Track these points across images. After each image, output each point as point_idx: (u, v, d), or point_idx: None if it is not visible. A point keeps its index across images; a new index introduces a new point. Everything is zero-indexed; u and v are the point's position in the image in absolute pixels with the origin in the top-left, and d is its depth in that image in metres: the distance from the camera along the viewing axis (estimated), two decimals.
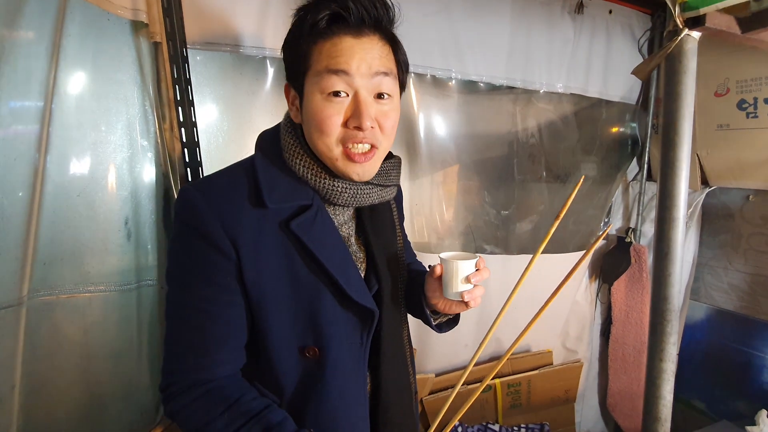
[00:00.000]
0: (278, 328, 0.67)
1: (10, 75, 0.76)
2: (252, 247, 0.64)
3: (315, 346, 0.68)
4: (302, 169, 0.67)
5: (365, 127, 0.63)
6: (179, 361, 0.67)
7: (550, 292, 1.93)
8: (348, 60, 0.62)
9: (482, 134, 1.63)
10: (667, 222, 0.65)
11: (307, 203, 0.67)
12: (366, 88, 0.63)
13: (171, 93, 1.06)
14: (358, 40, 0.63)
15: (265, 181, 0.66)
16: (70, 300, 0.97)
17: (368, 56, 0.63)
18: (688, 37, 0.61)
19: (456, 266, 0.70)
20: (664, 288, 0.66)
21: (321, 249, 0.66)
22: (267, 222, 0.66)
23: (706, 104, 1.59)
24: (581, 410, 2.00)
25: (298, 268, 0.67)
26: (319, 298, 0.68)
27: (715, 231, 1.80)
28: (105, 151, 1.01)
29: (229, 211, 0.64)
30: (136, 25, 1.03)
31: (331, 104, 0.63)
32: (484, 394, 1.68)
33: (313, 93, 0.63)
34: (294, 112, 0.70)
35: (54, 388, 0.97)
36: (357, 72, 0.62)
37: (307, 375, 0.70)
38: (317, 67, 0.63)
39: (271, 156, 0.70)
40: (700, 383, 1.84)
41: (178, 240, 0.67)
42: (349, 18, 0.62)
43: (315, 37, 0.63)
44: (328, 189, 0.68)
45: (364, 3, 0.63)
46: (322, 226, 0.68)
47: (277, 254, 0.66)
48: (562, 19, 1.60)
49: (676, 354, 0.68)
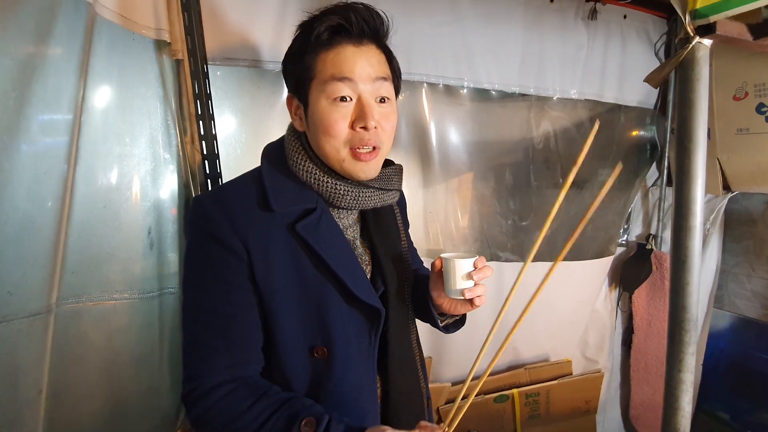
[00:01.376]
0: (288, 328, 0.70)
1: (42, 92, 0.80)
2: (261, 248, 0.68)
3: (323, 346, 0.70)
4: (305, 174, 0.71)
5: (370, 126, 0.67)
6: (201, 366, 0.68)
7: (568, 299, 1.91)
8: (351, 67, 0.66)
9: (496, 142, 1.63)
10: (684, 230, 0.64)
11: (311, 206, 0.71)
12: (368, 92, 0.68)
13: (192, 107, 1.10)
14: (359, 49, 0.68)
15: (271, 186, 0.71)
16: (96, 307, 1.01)
17: (369, 63, 0.68)
18: (699, 44, 0.61)
19: (454, 264, 0.72)
20: (681, 297, 0.65)
21: (326, 250, 0.69)
22: (274, 225, 0.69)
23: (725, 108, 1.55)
24: (603, 422, 1.95)
25: (305, 269, 0.70)
26: (326, 298, 0.70)
27: (737, 237, 1.75)
28: (129, 164, 1.05)
29: (238, 215, 0.68)
30: (159, 43, 1.07)
31: (337, 108, 0.67)
32: (502, 404, 1.66)
33: (319, 100, 0.68)
34: (298, 122, 0.74)
35: (79, 393, 1.01)
36: (360, 78, 0.67)
37: (317, 375, 0.72)
38: (322, 75, 0.67)
39: (276, 164, 0.74)
40: (725, 394, 1.78)
41: (192, 246, 0.71)
42: (351, 29, 0.67)
43: (318, 48, 0.68)
44: (331, 191, 0.71)
45: (363, 15, 0.68)
46: (327, 227, 0.71)
47: (285, 256, 0.69)
48: (575, 25, 1.59)
49: (695, 364, 0.67)
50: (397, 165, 0.82)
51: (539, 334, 1.74)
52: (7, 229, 0.75)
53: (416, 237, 1.58)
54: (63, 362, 0.96)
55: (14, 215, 0.76)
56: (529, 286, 1.81)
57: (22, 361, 0.80)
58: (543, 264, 1.70)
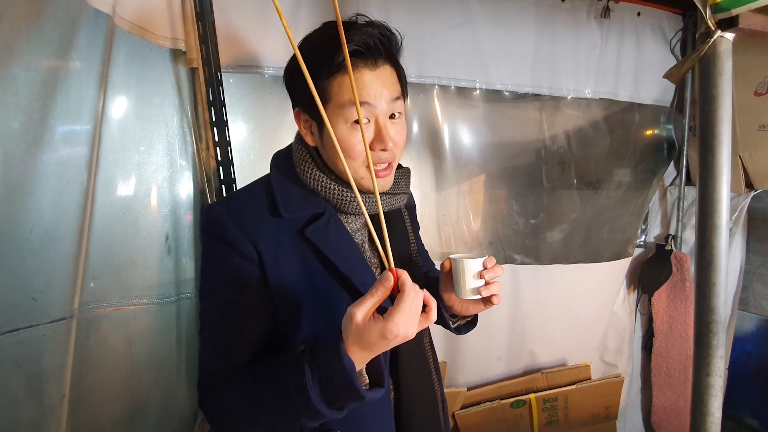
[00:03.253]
0: (300, 328, 0.70)
1: (64, 103, 0.82)
2: (272, 252, 0.69)
3: None
4: (313, 182, 0.73)
5: (389, 148, 0.69)
6: (214, 366, 0.70)
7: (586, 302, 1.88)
8: (369, 92, 0.67)
9: (509, 143, 1.62)
10: (710, 229, 0.62)
11: (319, 211, 0.73)
12: (384, 113, 0.69)
13: (207, 114, 1.12)
14: (375, 72, 0.68)
15: (280, 193, 0.73)
16: (116, 312, 1.02)
17: (384, 85, 0.69)
18: (721, 39, 0.60)
19: (463, 265, 0.72)
20: (708, 299, 0.63)
21: (335, 254, 0.71)
22: (284, 231, 0.71)
23: (747, 104, 1.51)
24: (624, 428, 1.90)
25: (315, 273, 0.71)
26: (336, 301, 0.71)
27: (762, 236, 1.69)
28: (147, 171, 1.07)
29: (249, 220, 0.70)
30: (175, 53, 1.09)
31: (356, 132, 0.68)
32: (519, 410, 1.63)
33: (336, 122, 0.68)
34: (309, 137, 0.74)
35: (99, 398, 1.02)
36: (377, 102, 0.68)
37: None
38: (339, 99, 0.67)
39: (284, 172, 0.76)
40: (752, 399, 1.72)
41: (206, 253, 0.73)
42: (368, 54, 0.67)
43: (333, 71, 0.67)
44: (338, 198, 0.73)
45: (378, 37, 0.68)
46: (336, 232, 0.73)
47: (295, 261, 0.70)
48: (588, 24, 1.57)
49: (724, 368, 0.65)
50: (405, 168, 0.83)
51: (556, 338, 1.71)
52: (33, 237, 0.77)
53: (429, 240, 1.57)
54: (84, 367, 0.97)
55: (39, 224, 0.78)
56: (545, 290, 1.79)
57: (47, 367, 0.82)
58: (560, 267, 1.68)
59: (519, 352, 1.68)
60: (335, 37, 0.64)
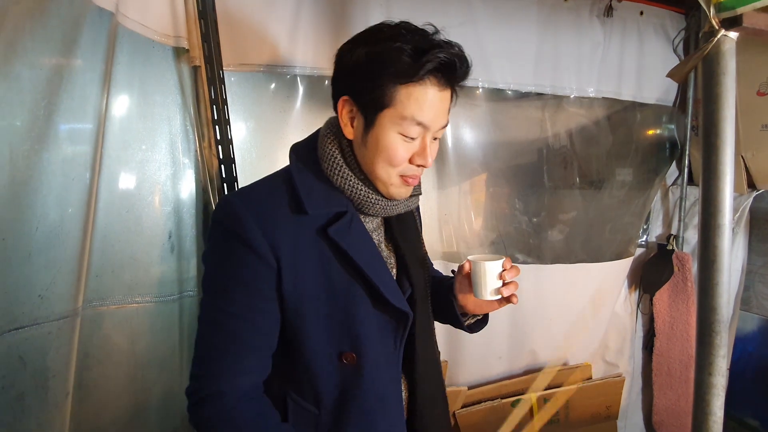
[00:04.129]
0: (316, 334, 0.69)
1: (67, 101, 0.82)
2: (291, 254, 0.67)
3: (352, 352, 0.70)
4: (341, 179, 0.70)
5: (429, 165, 0.70)
6: (209, 366, 0.68)
7: (587, 301, 1.88)
8: (428, 115, 0.66)
9: (511, 142, 1.62)
10: (712, 229, 0.62)
11: (342, 210, 0.70)
12: (432, 135, 0.69)
13: (209, 113, 1.12)
14: (441, 94, 0.67)
15: (303, 188, 0.69)
16: (119, 310, 1.03)
17: (443, 112, 0.68)
18: (725, 38, 0.59)
19: (485, 267, 0.74)
20: (711, 298, 0.63)
21: (358, 254, 0.69)
22: (305, 229, 0.68)
23: (749, 104, 1.51)
24: (624, 428, 1.90)
25: (335, 274, 0.69)
26: (355, 303, 0.70)
27: (764, 236, 1.69)
28: (150, 169, 1.08)
29: (269, 219, 0.67)
30: (178, 51, 1.10)
31: (406, 145, 0.68)
32: (520, 409, 1.63)
33: (389, 130, 0.66)
34: (348, 129, 0.70)
35: (102, 395, 1.03)
36: (433, 126, 0.68)
37: (345, 381, 0.71)
38: (402, 111, 0.65)
39: (308, 165, 0.73)
40: (754, 399, 1.72)
41: (217, 247, 0.69)
42: (445, 75, 0.65)
43: (407, 78, 0.64)
44: (363, 199, 0.71)
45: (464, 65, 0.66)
46: (358, 232, 0.71)
47: (315, 261, 0.68)
48: (590, 23, 1.57)
49: (726, 368, 0.65)
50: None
51: (557, 338, 1.71)
52: (38, 235, 0.78)
53: (431, 239, 1.57)
54: (88, 364, 0.98)
55: (45, 222, 0.79)
56: (546, 289, 1.79)
57: (52, 363, 0.82)
58: (562, 266, 1.68)
59: (520, 351, 1.68)
60: (422, 47, 0.63)
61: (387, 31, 0.66)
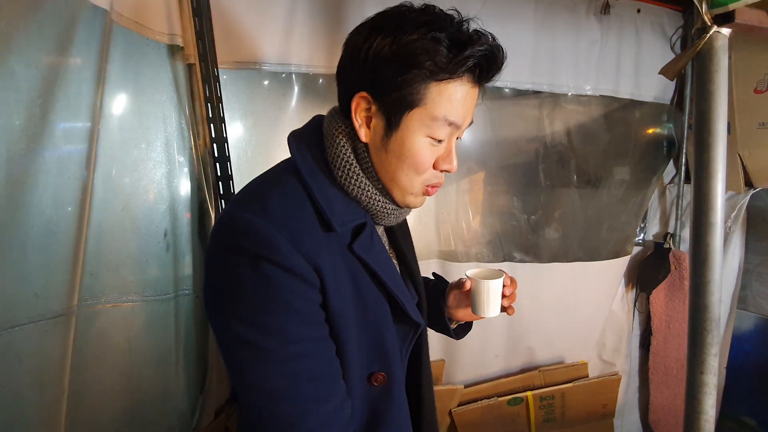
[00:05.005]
0: (351, 358, 0.63)
1: (63, 99, 0.82)
2: (331, 273, 0.59)
3: (383, 371, 0.66)
4: (358, 190, 0.63)
5: (454, 170, 0.64)
6: (311, 421, 0.57)
7: (584, 300, 1.88)
8: (460, 113, 0.60)
9: (508, 140, 1.62)
10: (704, 227, 0.62)
11: (362, 221, 0.64)
12: (458, 135, 0.64)
13: (204, 111, 1.12)
14: (473, 91, 0.60)
15: (325, 202, 0.60)
16: (115, 309, 1.03)
17: (472, 111, 0.62)
18: (717, 34, 0.59)
19: (487, 287, 0.73)
20: (703, 297, 0.63)
21: (382, 269, 0.64)
22: (335, 245, 0.61)
23: (746, 102, 1.51)
24: (621, 426, 1.91)
25: (363, 290, 0.64)
26: (383, 319, 0.65)
27: (761, 235, 1.69)
28: (146, 168, 1.07)
29: (303, 237, 0.57)
30: (173, 48, 1.09)
31: (433, 149, 0.61)
32: (516, 407, 1.63)
33: (417, 133, 0.59)
34: (364, 130, 0.61)
35: (98, 394, 1.02)
36: (463, 125, 0.62)
37: (375, 403, 0.66)
38: (433, 110, 0.58)
39: (318, 167, 0.63)
40: (750, 398, 1.72)
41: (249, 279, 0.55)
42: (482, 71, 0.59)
43: (441, 74, 0.56)
44: (380, 210, 0.65)
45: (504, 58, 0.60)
46: (378, 246, 0.66)
47: (349, 279, 0.62)
48: (587, 21, 1.57)
49: (718, 366, 0.65)
50: None
51: (554, 336, 1.71)
52: (34, 233, 0.77)
53: (428, 238, 1.57)
54: (83, 363, 0.97)
55: (40, 220, 0.78)
56: (543, 288, 1.78)
57: (48, 362, 0.82)
58: (559, 265, 1.68)
59: (517, 349, 1.68)
60: (460, 39, 0.56)
61: (414, 18, 0.57)
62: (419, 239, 1.53)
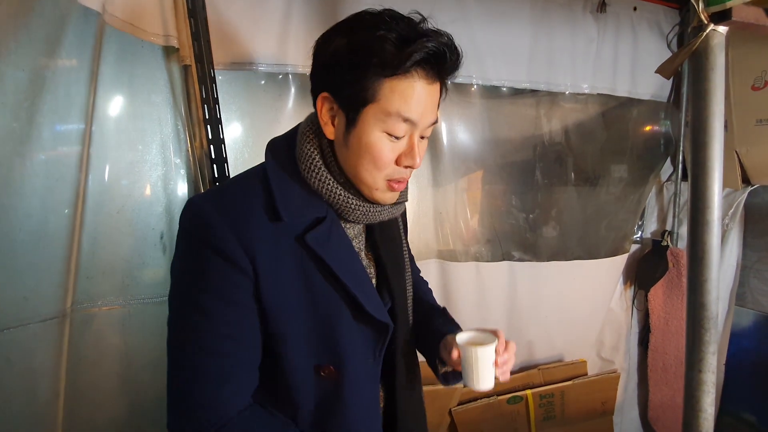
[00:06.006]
0: (295, 346, 0.65)
1: (53, 101, 0.82)
2: (269, 263, 0.61)
3: (331, 365, 0.67)
4: (319, 183, 0.65)
5: (417, 166, 0.65)
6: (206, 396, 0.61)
7: (583, 298, 1.88)
8: (417, 110, 0.61)
9: (506, 139, 1.61)
10: (701, 225, 0.62)
11: (321, 215, 0.66)
12: (420, 133, 0.65)
13: (200, 112, 1.11)
14: (429, 88, 0.62)
15: (279, 192, 0.64)
16: (111, 312, 1.02)
17: (432, 108, 0.64)
18: (714, 32, 0.59)
19: (476, 355, 0.66)
20: (700, 295, 0.63)
21: (338, 263, 0.64)
22: (282, 236, 0.63)
23: (744, 99, 1.51)
24: (620, 423, 1.91)
25: (314, 283, 0.65)
26: (335, 314, 0.66)
27: (759, 232, 1.69)
28: (141, 170, 1.07)
29: (244, 225, 0.61)
30: (168, 50, 1.09)
31: (391, 144, 0.63)
32: (516, 406, 1.63)
33: (373, 128, 0.61)
34: (329, 128, 0.65)
35: (95, 397, 1.02)
36: (421, 123, 0.63)
37: (325, 395, 0.68)
38: (387, 106, 0.60)
39: (285, 166, 0.67)
40: (750, 395, 1.72)
41: (188, 258, 0.62)
42: (433, 67, 0.60)
43: (392, 71, 0.59)
44: (343, 205, 0.66)
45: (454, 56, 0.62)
46: (338, 239, 0.66)
47: (293, 270, 0.63)
48: (584, 19, 1.57)
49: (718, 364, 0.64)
50: None
51: (553, 334, 1.71)
52: (22, 236, 0.77)
53: (427, 237, 1.57)
54: (79, 366, 0.97)
55: (28, 222, 0.78)
56: (542, 286, 1.78)
57: (39, 365, 0.82)
58: (558, 263, 1.68)
59: (516, 348, 1.68)
60: (408, 36, 0.58)
61: (369, 19, 0.61)
62: (418, 239, 1.54)
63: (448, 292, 1.53)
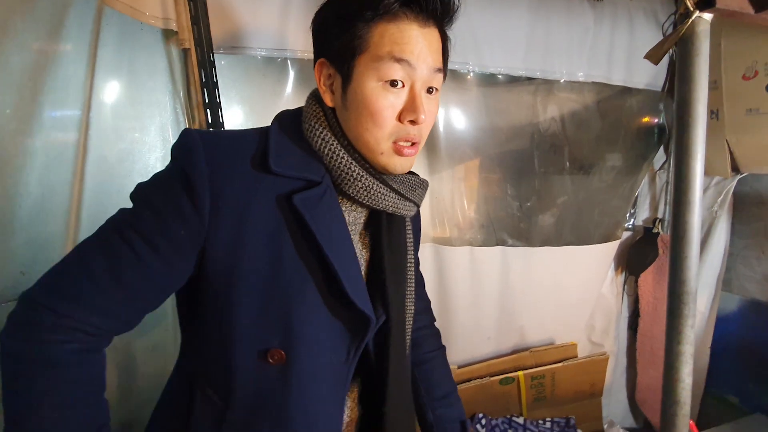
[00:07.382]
0: (243, 318, 0.58)
1: (51, 85, 0.83)
2: (235, 214, 0.56)
3: (281, 349, 0.58)
4: (321, 141, 0.61)
5: (420, 121, 0.59)
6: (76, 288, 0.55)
7: (574, 283, 1.91)
8: (412, 50, 0.57)
9: (503, 127, 1.63)
10: (683, 205, 0.64)
11: (316, 179, 0.60)
12: (422, 81, 0.60)
13: (200, 96, 1.13)
14: (423, 31, 0.58)
15: (277, 145, 0.60)
16: None
17: (430, 50, 0.59)
18: (699, 19, 0.61)
19: None
20: (681, 271, 0.66)
21: (324, 232, 0.58)
22: (264, 190, 0.58)
23: (735, 88, 1.53)
24: (608, 405, 1.97)
25: (284, 251, 0.58)
26: (302, 289, 0.59)
27: (747, 219, 1.73)
28: (141, 151, 1.08)
29: (223, 164, 0.57)
30: (167, 33, 1.09)
31: (387, 94, 0.58)
32: (508, 387, 1.68)
33: (367, 79, 0.58)
34: (328, 96, 0.62)
35: None
36: (419, 64, 0.58)
37: (266, 382, 0.59)
38: (378, 51, 0.57)
39: (288, 128, 0.63)
40: (734, 377, 1.78)
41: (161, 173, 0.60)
42: (422, 7, 0.58)
43: (380, 16, 0.57)
44: (343, 170, 0.61)
45: None
46: (329, 208, 0.60)
47: (263, 231, 0.57)
48: (581, 7, 1.57)
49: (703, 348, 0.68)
50: (424, 179, 0.73)
51: (545, 318, 1.76)
52: (21, 212, 0.79)
53: (423, 224, 1.59)
54: None
55: (27, 199, 0.80)
56: (535, 271, 1.82)
57: None
58: (550, 249, 1.72)
59: (508, 331, 1.72)
60: None
61: None
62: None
63: (442, 275, 1.57)
